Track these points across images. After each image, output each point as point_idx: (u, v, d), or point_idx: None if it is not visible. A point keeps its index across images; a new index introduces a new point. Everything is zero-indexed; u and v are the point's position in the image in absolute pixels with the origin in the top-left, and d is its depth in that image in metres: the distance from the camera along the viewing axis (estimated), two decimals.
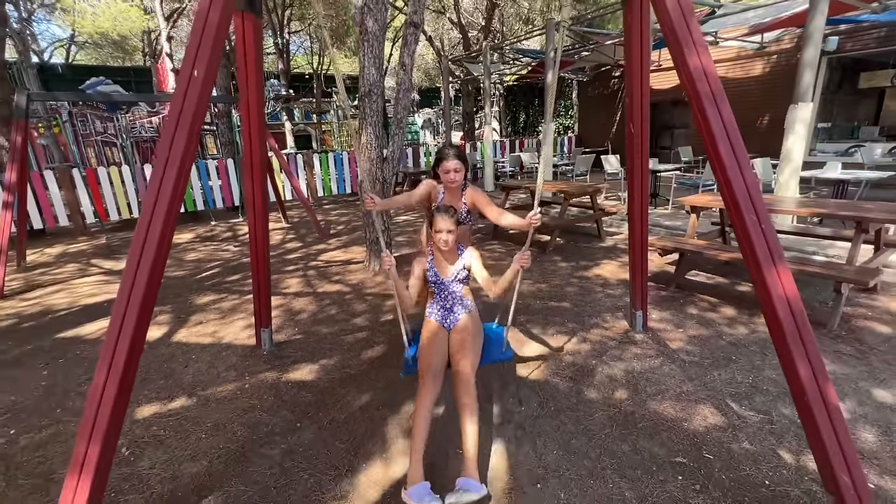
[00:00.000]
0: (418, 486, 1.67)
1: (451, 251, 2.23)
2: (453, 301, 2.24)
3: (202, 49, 1.59)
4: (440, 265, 2.25)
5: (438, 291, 2.26)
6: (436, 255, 2.25)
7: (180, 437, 2.27)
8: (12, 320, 3.91)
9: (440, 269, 2.25)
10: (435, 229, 2.13)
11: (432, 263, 2.25)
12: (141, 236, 1.54)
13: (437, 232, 2.13)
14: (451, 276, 2.24)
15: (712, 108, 1.59)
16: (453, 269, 2.24)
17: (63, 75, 15.62)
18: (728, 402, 2.37)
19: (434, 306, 2.27)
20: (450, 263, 2.25)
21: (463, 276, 2.27)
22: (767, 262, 1.53)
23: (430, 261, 2.26)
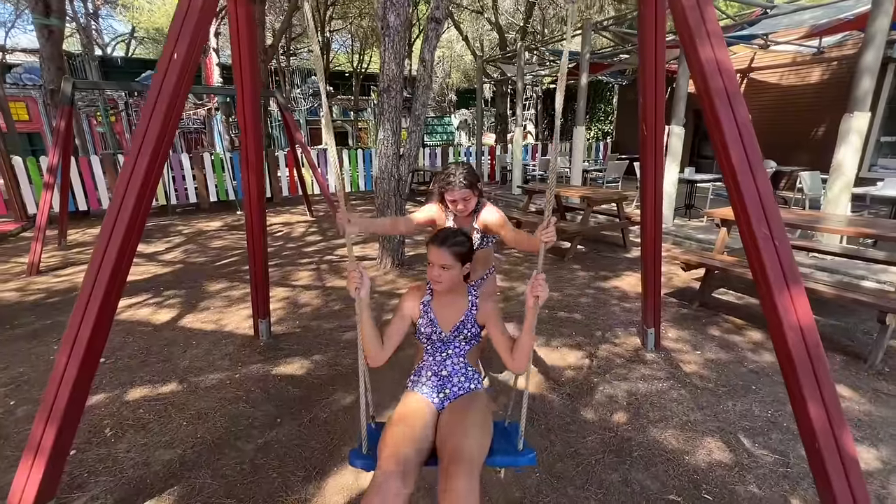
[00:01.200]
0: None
1: (458, 293, 1.57)
2: (453, 369, 1.55)
3: (183, 32, 1.56)
4: (440, 310, 1.56)
5: (433, 351, 1.57)
6: (436, 294, 1.58)
7: (163, 422, 2.27)
8: (40, 295, 4.12)
9: (439, 315, 1.56)
10: (428, 259, 1.52)
11: (429, 306, 1.57)
12: (110, 221, 1.52)
13: (428, 265, 1.52)
14: (454, 329, 1.55)
15: (725, 107, 1.40)
16: (460, 318, 1.55)
17: (121, 68, 16.63)
18: (740, 436, 2.13)
19: (423, 373, 1.57)
20: (456, 310, 1.56)
21: (472, 334, 1.56)
22: (779, 284, 1.34)
23: (426, 301, 1.58)
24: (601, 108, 16.27)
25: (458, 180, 1.94)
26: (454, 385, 1.53)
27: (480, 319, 1.56)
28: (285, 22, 11.91)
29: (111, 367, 2.81)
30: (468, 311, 1.56)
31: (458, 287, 1.57)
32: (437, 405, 1.50)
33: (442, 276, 1.48)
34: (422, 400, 1.50)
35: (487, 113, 19.46)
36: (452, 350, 1.57)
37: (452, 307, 1.57)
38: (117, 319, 3.52)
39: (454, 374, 1.55)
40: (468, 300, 1.58)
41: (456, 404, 1.47)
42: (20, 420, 2.30)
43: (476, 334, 1.58)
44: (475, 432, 1.34)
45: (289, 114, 6.98)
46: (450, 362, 1.56)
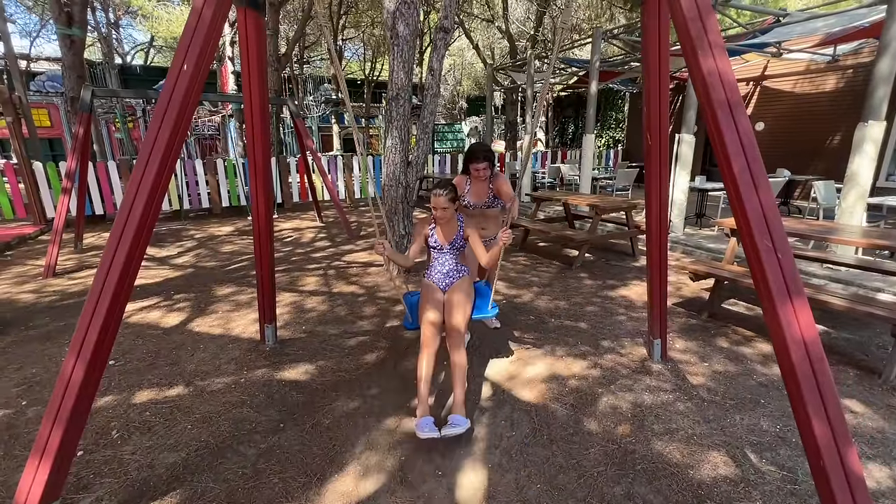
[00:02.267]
0: (424, 419, 2.09)
1: (451, 223, 2.51)
2: (450, 266, 2.53)
3: (193, 44, 1.60)
4: (441, 232, 2.53)
5: (437, 256, 2.56)
6: (437, 223, 2.51)
7: (168, 425, 2.30)
8: (55, 297, 4.21)
9: (440, 235, 2.52)
10: (432, 204, 2.42)
11: (434, 231, 2.54)
12: (119, 226, 1.56)
13: (433, 208, 2.42)
14: (450, 242, 2.52)
15: (727, 118, 1.39)
16: (453, 236, 2.52)
17: (140, 76, 17.07)
18: (747, 451, 2.09)
19: (433, 270, 2.57)
20: (450, 231, 2.53)
21: (461, 244, 2.56)
22: (782, 297, 1.32)
23: (432, 228, 2.55)
24: (612, 115, 16.20)
25: (480, 156, 2.85)
26: (451, 276, 2.53)
27: (465, 235, 2.55)
28: (298, 31, 12.13)
29: (120, 370, 2.86)
30: (458, 232, 2.53)
31: (452, 217, 2.50)
32: (442, 288, 2.52)
33: (444, 214, 2.42)
34: (434, 287, 2.51)
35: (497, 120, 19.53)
36: (449, 255, 2.54)
37: (448, 230, 2.51)
38: (128, 322, 3.59)
39: (451, 270, 2.53)
40: (458, 225, 2.54)
41: (453, 288, 2.47)
42: (31, 420, 2.34)
43: (463, 245, 2.56)
44: (463, 306, 2.37)
45: (300, 121, 7.08)
46: (448, 263, 2.54)
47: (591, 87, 7.30)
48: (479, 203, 3.01)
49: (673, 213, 5.92)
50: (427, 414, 2.13)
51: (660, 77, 1.97)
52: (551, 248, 6.01)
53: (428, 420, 2.09)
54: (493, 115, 12.55)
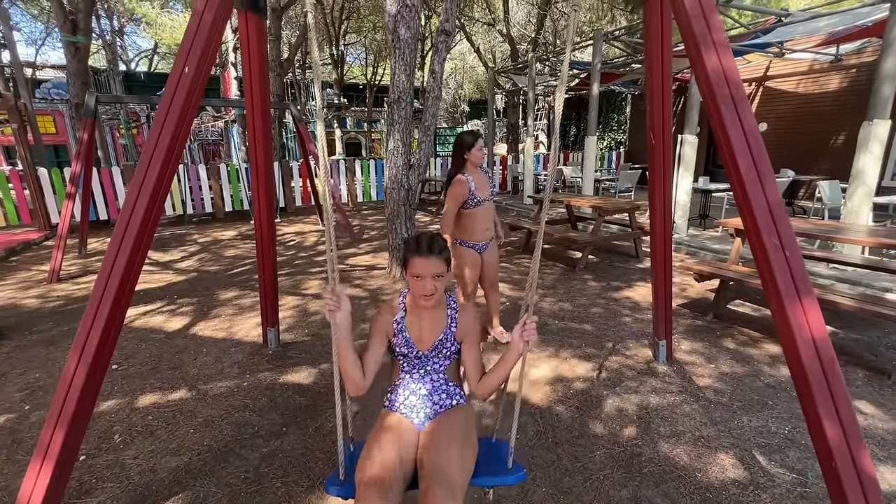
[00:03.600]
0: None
1: (438, 309, 1.46)
2: (432, 386, 1.47)
3: (194, 47, 1.60)
4: (417, 328, 1.45)
5: (410, 368, 1.49)
6: (412, 312, 1.46)
7: (170, 429, 2.29)
8: (59, 302, 4.22)
9: (415, 333, 1.45)
10: (411, 272, 1.36)
11: (403, 323, 1.46)
12: (121, 231, 1.56)
13: (413, 277, 1.36)
14: (432, 347, 1.46)
15: (732, 115, 1.38)
16: (437, 336, 1.45)
17: (144, 82, 17.20)
18: (755, 453, 2.06)
19: (400, 392, 1.48)
20: (433, 327, 1.46)
21: (452, 351, 1.48)
22: (791, 296, 1.30)
23: (399, 318, 1.46)
24: (614, 117, 16.20)
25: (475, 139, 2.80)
26: (434, 403, 1.44)
27: (460, 335, 1.47)
28: (301, 36, 12.20)
29: (123, 374, 2.86)
30: (447, 329, 1.46)
31: (442, 299, 1.47)
32: (417, 425, 1.41)
33: (437, 287, 1.36)
34: (401, 420, 1.41)
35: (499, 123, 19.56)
36: (431, 367, 1.48)
37: (430, 323, 1.45)
38: (131, 327, 3.59)
39: (433, 391, 1.46)
40: (447, 315, 1.47)
41: (436, 423, 1.39)
42: (34, 425, 2.34)
43: (456, 350, 1.49)
44: (457, 452, 1.28)
45: (303, 125, 7.11)
46: (428, 379, 1.47)
47: (592, 89, 7.29)
48: (486, 196, 2.84)
49: (676, 214, 5.89)
50: None
51: (662, 77, 1.96)
52: (554, 249, 5.99)
53: None
54: (494, 118, 12.56)
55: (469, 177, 2.80)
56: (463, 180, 2.78)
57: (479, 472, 1.34)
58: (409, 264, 1.36)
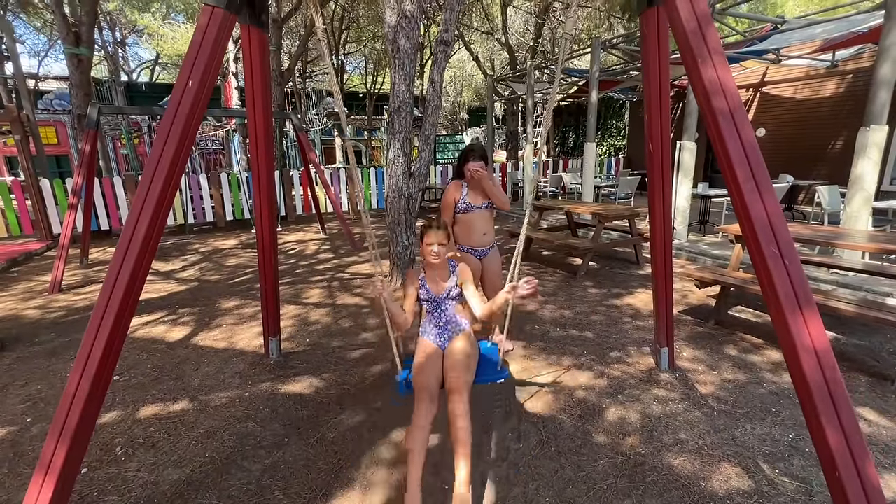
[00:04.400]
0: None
1: (443, 267, 2.20)
2: (447, 319, 2.18)
3: (198, 62, 1.62)
4: (432, 282, 2.19)
5: (432, 310, 2.20)
6: (428, 271, 2.20)
7: (172, 441, 2.29)
8: (61, 313, 4.23)
9: (432, 285, 2.19)
10: (426, 242, 2.11)
11: (424, 281, 2.19)
12: (125, 242, 1.56)
13: (427, 245, 2.11)
14: (444, 293, 2.18)
15: (730, 126, 1.40)
16: (446, 285, 2.19)
17: (145, 92, 17.33)
18: (759, 462, 2.05)
19: (428, 325, 2.21)
20: (442, 280, 2.20)
21: (456, 293, 2.21)
22: (791, 305, 1.30)
23: (421, 278, 2.20)
24: (613, 124, 16.28)
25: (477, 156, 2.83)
26: (449, 330, 2.16)
27: (460, 281, 2.21)
28: (301, 46, 12.31)
29: (125, 385, 2.85)
30: (451, 279, 2.20)
31: (445, 262, 2.20)
32: (441, 346, 2.13)
33: (440, 251, 2.10)
34: (430, 345, 2.13)
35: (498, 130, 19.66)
36: (445, 307, 2.19)
37: (440, 278, 2.19)
38: (133, 337, 3.59)
39: (448, 323, 2.17)
40: (450, 271, 2.22)
41: (452, 345, 2.09)
42: (35, 437, 2.34)
43: (459, 293, 2.21)
44: (465, 366, 1.97)
45: (303, 134, 7.16)
46: (443, 315, 2.18)
47: (591, 97, 7.34)
48: (479, 204, 2.90)
49: (676, 220, 5.91)
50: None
51: (660, 85, 1.98)
52: (555, 256, 6.00)
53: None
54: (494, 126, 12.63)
55: (465, 183, 2.89)
56: (454, 186, 2.91)
57: (480, 372, 2.08)
58: (424, 236, 2.12)
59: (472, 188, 2.90)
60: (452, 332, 2.16)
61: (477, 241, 2.94)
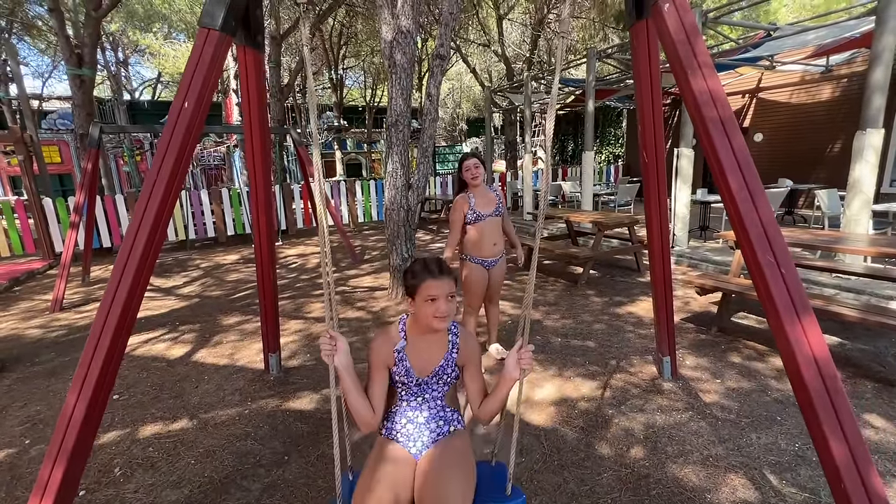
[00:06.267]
0: None
1: (440, 333, 1.44)
2: (430, 413, 1.44)
3: (194, 82, 1.65)
4: (417, 356, 1.42)
5: (408, 396, 1.45)
6: (412, 336, 1.43)
7: (171, 460, 2.27)
8: (62, 332, 4.23)
9: (417, 361, 1.42)
10: (426, 295, 1.33)
11: (404, 354, 1.41)
12: (122, 259, 1.57)
13: (429, 300, 1.33)
14: (433, 372, 1.42)
15: (721, 136, 1.40)
16: (439, 363, 1.43)
17: (148, 111, 17.54)
18: (766, 472, 2.02)
19: (397, 419, 1.44)
20: (434, 351, 1.43)
21: (452, 376, 1.45)
22: (789, 313, 1.29)
23: (400, 347, 1.42)
24: (611, 131, 16.39)
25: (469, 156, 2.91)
26: (432, 431, 1.41)
27: (461, 361, 1.45)
28: (300, 62, 12.48)
29: (124, 404, 2.84)
30: (448, 354, 1.43)
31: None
32: (414, 455, 1.38)
33: (450, 307, 1.34)
34: (397, 450, 1.38)
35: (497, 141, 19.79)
36: (430, 394, 1.44)
37: (431, 350, 1.43)
38: (133, 355, 3.58)
39: (431, 419, 1.43)
40: (448, 340, 1.44)
41: (433, 452, 1.36)
42: (34, 460, 2.32)
43: (456, 375, 1.46)
44: (455, 482, 1.26)
45: (303, 149, 7.21)
46: (426, 407, 1.44)
47: (588, 106, 7.40)
48: (489, 212, 2.89)
49: (676, 226, 5.90)
50: None
51: (652, 96, 2.00)
52: (555, 265, 5.99)
53: None
54: (492, 136, 12.72)
55: (470, 194, 2.92)
56: (461, 199, 2.93)
57: (479, 499, 1.31)
58: (422, 288, 1.33)
59: (478, 196, 2.90)
60: (437, 433, 1.42)
61: (488, 251, 2.93)
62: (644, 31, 1.88)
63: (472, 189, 2.95)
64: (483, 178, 2.97)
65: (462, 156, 2.98)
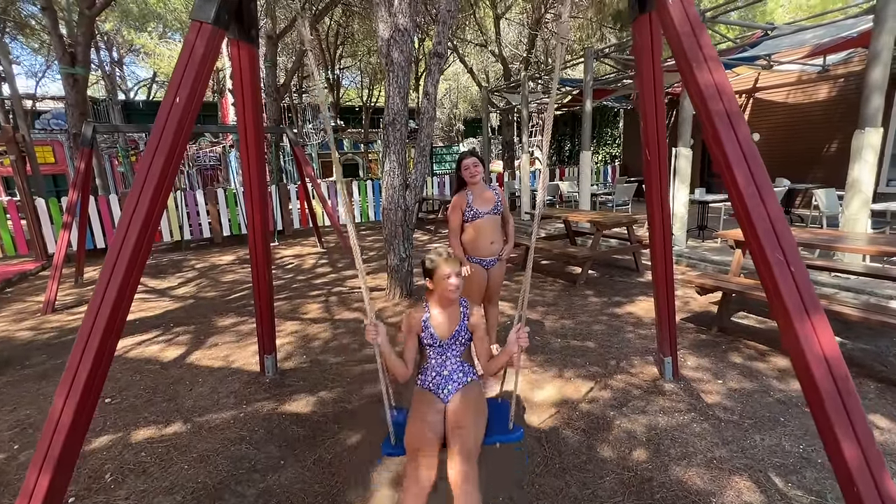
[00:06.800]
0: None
1: (454, 307, 1.89)
2: (452, 368, 1.87)
3: (185, 77, 1.60)
4: (439, 324, 1.86)
5: (435, 355, 1.89)
6: (433, 310, 1.88)
7: (164, 466, 2.21)
8: (53, 334, 4.16)
9: (438, 328, 1.86)
10: (443, 274, 1.79)
11: (428, 322, 1.86)
12: (111, 260, 1.52)
13: (445, 278, 1.78)
14: (451, 337, 1.87)
15: (727, 129, 1.37)
16: (455, 329, 1.87)
17: (142, 111, 17.42)
18: (770, 474, 1.98)
19: (428, 373, 1.89)
20: (451, 321, 1.87)
21: (466, 338, 1.91)
22: (799, 313, 1.26)
23: (426, 318, 1.87)
24: (608, 131, 16.40)
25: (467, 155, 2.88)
26: (454, 381, 1.85)
27: (471, 326, 1.92)
28: (296, 62, 12.42)
29: (116, 408, 2.78)
30: (461, 322, 1.89)
31: (457, 299, 1.90)
32: (443, 399, 1.82)
33: (460, 284, 1.82)
34: (431, 396, 1.83)
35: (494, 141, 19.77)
36: (451, 353, 1.89)
37: (448, 319, 1.88)
38: (126, 357, 3.52)
39: (453, 372, 1.87)
40: (460, 311, 1.91)
41: (457, 396, 1.80)
42: (22, 466, 2.26)
43: (469, 338, 1.93)
44: (472, 423, 1.68)
45: (300, 149, 7.16)
46: (448, 363, 1.88)
47: (585, 106, 7.38)
48: (487, 210, 2.84)
49: (675, 226, 5.88)
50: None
51: (655, 92, 1.96)
52: (554, 265, 5.96)
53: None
54: (490, 136, 12.70)
55: (468, 192, 2.88)
56: (458, 197, 2.89)
57: (489, 431, 1.75)
58: (440, 268, 1.81)
59: (476, 194, 2.86)
60: (458, 383, 1.84)
61: (485, 250, 2.88)
62: (647, 25, 1.84)
63: (470, 187, 2.92)
64: (482, 176, 2.94)
65: (460, 154, 2.94)
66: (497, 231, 2.94)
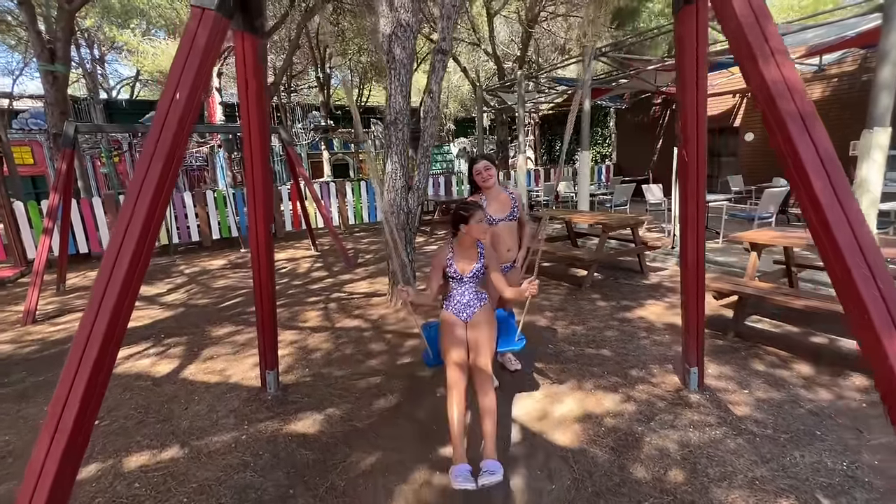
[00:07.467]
0: (460, 467, 1.88)
1: (472, 250, 2.36)
2: (470, 296, 2.37)
3: (187, 70, 1.42)
4: (461, 261, 2.37)
5: (456, 286, 2.39)
6: (456, 252, 2.38)
7: (160, 499, 2.02)
8: (34, 347, 3.90)
9: (460, 265, 2.36)
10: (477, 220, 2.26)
11: (452, 260, 2.36)
12: (107, 269, 1.34)
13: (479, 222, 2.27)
14: (470, 272, 2.35)
15: (801, 132, 1.24)
16: (473, 266, 2.36)
17: (126, 110, 16.90)
18: (818, 496, 1.87)
19: (452, 300, 2.40)
20: (470, 261, 2.36)
21: (481, 275, 2.40)
22: (888, 330, 1.13)
23: (449, 257, 2.37)
24: (598, 131, 16.39)
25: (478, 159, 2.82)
26: (472, 305, 2.36)
27: (486, 263, 2.38)
28: (286, 61, 12.13)
29: (105, 430, 2.57)
30: (479, 260, 2.37)
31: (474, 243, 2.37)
32: (464, 319, 2.34)
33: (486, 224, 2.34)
34: (455, 318, 2.34)
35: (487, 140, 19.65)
36: (468, 285, 2.38)
37: (468, 259, 2.37)
38: (114, 374, 3.26)
39: (471, 298, 2.37)
40: (478, 252, 2.38)
41: (475, 318, 2.32)
42: (1, 499, 2.04)
43: (483, 273, 2.39)
44: (486, 336, 2.25)
45: (292, 148, 6.93)
46: (467, 293, 2.38)
47: (584, 105, 7.28)
48: (503, 217, 2.74)
49: (677, 227, 5.81)
50: (463, 460, 1.92)
51: (697, 90, 1.83)
52: (556, 268, 5.84)
53: (464, 468, 1.88)
54: (483, 136, 12.57)
55: (483, 197, 2.75)
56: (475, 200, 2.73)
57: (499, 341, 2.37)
58: (473, 217, 2.27)
59: (490, 199, 2.75)
60: (474, 308, 2.36)
61: (502, 257, 2.75)
62: (693, 16, 1.70)
63: (484, 192, 2.78)
64: (495, 179, 2.80)
65: (471, 159, 2.85)
66: (513, 237, 2.81)
